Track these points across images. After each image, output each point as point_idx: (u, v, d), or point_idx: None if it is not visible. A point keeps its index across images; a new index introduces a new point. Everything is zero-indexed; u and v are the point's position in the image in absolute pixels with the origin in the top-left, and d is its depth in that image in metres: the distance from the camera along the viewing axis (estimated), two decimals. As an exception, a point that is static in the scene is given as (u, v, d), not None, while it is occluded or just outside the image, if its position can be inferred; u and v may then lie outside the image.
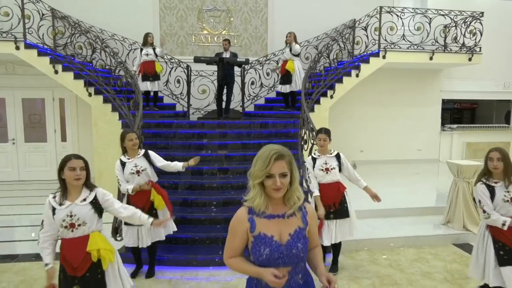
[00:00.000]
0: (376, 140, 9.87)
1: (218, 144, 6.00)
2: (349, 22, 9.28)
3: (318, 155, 4.04)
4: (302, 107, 5.78)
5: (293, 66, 7.32)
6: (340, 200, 4.02)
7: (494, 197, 3.00)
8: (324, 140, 3.97)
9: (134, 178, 3.78)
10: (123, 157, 3.85)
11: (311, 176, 4.01)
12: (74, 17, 8.32)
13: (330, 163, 3.97)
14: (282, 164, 1.71)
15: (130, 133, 3.82)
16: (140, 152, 3.91)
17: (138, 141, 3.83)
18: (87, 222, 2.49)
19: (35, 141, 8.78)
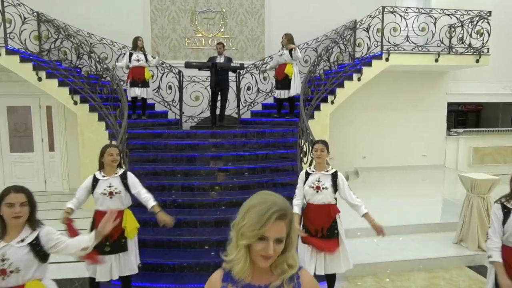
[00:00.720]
0: (379, 146, 9.44)
1: (211, 157, 5.58)
2: (349, 23, 8.85)
3: (313, 171, 3.57)
4: (301, 116, 5.36)
5: (292, 70, 6.90)
6: (330, 225, 3.52)
7: (507, 221, 2.60)
8: (321, 150, 3.52)
9: (105, 200, 3.29)
10: (98, 173, 3.38)
11: (298, 191, 3.59)
12: (61, 21, 7.91)
13: (324, 181, 3.50)
14: (281, 225, 1.28)
15: (111, 147, 3.38)
16: (118, 171, 3.43)
17: (119, 157, 3.38)
18: (21, 269, 2.04)
19: (22, 151, 8.35)
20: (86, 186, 3.33)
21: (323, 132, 7.19)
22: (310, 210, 3.45)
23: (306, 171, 3.59)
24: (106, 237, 3.10)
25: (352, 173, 9.25)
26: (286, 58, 6.92)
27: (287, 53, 6.93)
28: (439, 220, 5.47)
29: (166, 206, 4.80)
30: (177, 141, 5.93)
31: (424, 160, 9.71)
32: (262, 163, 5.61)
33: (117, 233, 3.24)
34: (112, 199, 3.29)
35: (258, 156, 5.73)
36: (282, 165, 5.63)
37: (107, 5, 8.12)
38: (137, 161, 5.64)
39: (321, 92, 7.02)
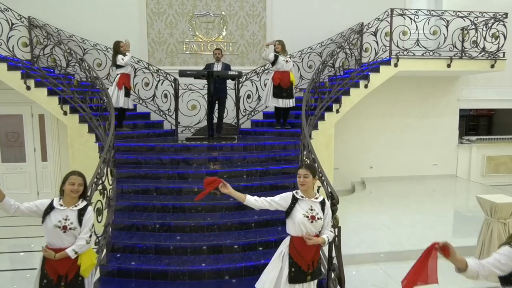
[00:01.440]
0: (387, 155, 8.99)
1: (205, 173, 5.17)
2: (356, 26, 8.41)
3: (302, 196, 3.12)
4: (303, 130, 4.94)
5: (294, 79, 6.50)
6: (318, 258, 3.14)
7: None
8: (305, 176, 3.08)
9: (58, 235, 2.83)
10: (56, 200, 2.93)
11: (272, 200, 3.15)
12: (54, 26, 7.59)
13: (317, 210, 3.07)
14: None
15: (74, 175, 2.92)
16: (79, 204, 2.97)
17: (81, 188, 2.95)
18: None
19: (13, 161, 8.03)
20: (40, 206, 2.88)
21: (327, 143, 6.78)
22: (300, 243, 3.02)
23: (293, 195, 3.14)
24: (61, 277, 2.79)
25: (359, 184, 8.81)
26: (292, 67, 6.53)
27: (291, 61, 6.52)
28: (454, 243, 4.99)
29: (155, 230, 4.43)
30: (171, 155, 5.53)
31: (435, 170, 9.24)
32: (261, 180, 5.19)
33: (73, 272, 2.83)
34: (65, 234, 2.84)
35: (257, 172, 5.32)
36: (282, 182, 5.20)
37: (102, 9, 7.76)
38: (127, 177, 5.26)
39: (325, 101, 6.60)
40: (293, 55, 7.97)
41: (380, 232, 5.33)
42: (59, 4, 7.63)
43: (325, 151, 6.76)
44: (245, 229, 4.47)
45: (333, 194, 3.70)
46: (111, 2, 7.78)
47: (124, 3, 7.82)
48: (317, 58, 8.26)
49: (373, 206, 6.68)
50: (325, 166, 6.79)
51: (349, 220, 5.73)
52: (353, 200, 7.19)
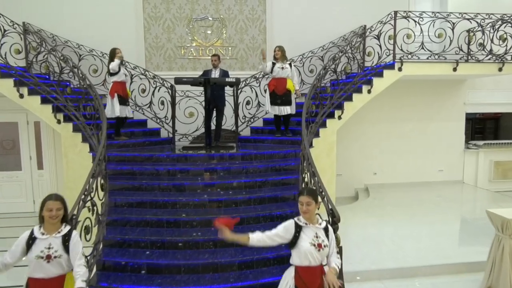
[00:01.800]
0: (391, 161, 8.75)
1: (202, 185, 4.98)
2: (359, 29, 8.19)
3: (305, 223, 2.90)
4: (303, 141, 4.72)
5: (293, 86, 6.28)
6: None
7: None
8: (307, 204, 2.86)
9: (41, 266, 2.63)
10: (37, 228, 2.73)
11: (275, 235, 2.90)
12: (49, 31, 7.43)
13: (322, 237, 2.87)
14: None
15: (51, 200, 2.70)
16: (62, 230, 2.77)
17: (61, 212, 2.73)
18: None
19: (9, 169, 7.87)
20: (21, 245, 2.67)
21: (329, 150, 6.56)
22: (306, 273, 2.81)
23: (295, 223, 2.92)
24: None
25: (362, 191, 8.58)
26: (289, 74, 6.30)
27: (289, 68, 6.30)
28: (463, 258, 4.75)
29: (148, 247, 4.23)
30: (166, 166, 5.34)
31: (440, 176, 8.98)
32: (260, 192, 4.98)
33: None
34: (50, 264, 2.64)
35: (256, 183, 5.11)
36: (282, 194, 5.00)
37: (97, 14, 7.59)
38: (121, 189, 5.07)
39: (326, 107, 6.39)
40: (293, 59, 7.77)
41: (384, 246, 5.10)
42: (54, 9, 7.47)
43: (326, 158, 6.55)
44: (242, 246, 4.24)
45: (334, 211, 3.49)
46: (107, 7, 7.60)
47: (120, 8, 7.64)
48: (318, 62, 8.04)
49: (377, 216, 6.45)
50: (327, 173, 6.60)
51: (351, 232, 5.51)
52: (356, 209, 6.95)
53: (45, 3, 7.45)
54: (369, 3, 8.19)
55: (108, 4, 7.59)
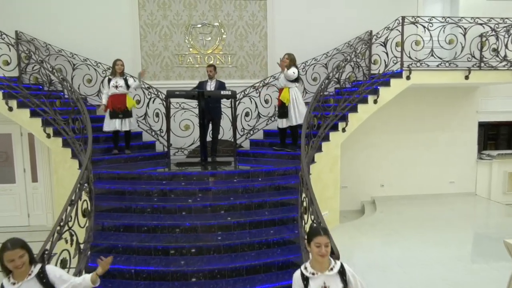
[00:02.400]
0: (400, 173, 8.34)
1: (193, 207, 4.65)
2: (364, 35, 7.82)
3: (312, 272, 2.49)
4: (302, 162, 4.36)
5: (287, 97, 5.89)
6: None
7: None
8: (326, 246, 2.43)
9: None
10: (6, 281, 2.45)
11: None
12: (42, 40, 7.18)
13: (331, 285, 2.49)
14: None
15: (9, 251, 2.37)
16: (33, 271, 2.48)
17: (26, 257, 2.43)
18: None
19: (2, 182, 7.64)
20: None
21: (333, 164, 6.20)
22: None
23: (301, 274, 2.51)
24: None
25: (369, 204, 8.18)
26: (282, 82, 5.93)
27: (282, 76, 5.94)
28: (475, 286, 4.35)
29: (133, 278, 3.92)
30: (157, 185, 5.03)
31: (452, 188, 8.54)
32: (256, 215, 4.63)
33: None
34: None
35: (252, 204, 4.77)
36: (281, 217, 4.65)
37: (91, 22, 7.32)
38: (109, 210, 4.78)
39: (330, 119, 6.03)
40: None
41: (391, 273, 4.71)
42: (48, 17, 7.22)
43: (329, 173, 6.19)
44: (235, 276, 3.92)
45: (333, 248, 3.12)
46: (102, 15, 7.33)
47: (116, 16, 7.37)
48: (322, 70, 7.69)
49: (384, 235, 6.05)
50: (330, 189, 6.24)
51: (356, 256, 5.13)
52: (361, 226, 6.56)
53: (39, 11, 7.21)
54: (375, 8, 7.81)
55: (103, 12, 7.33)
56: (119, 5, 7.36)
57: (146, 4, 7.45)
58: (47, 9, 7.23)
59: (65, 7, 7.26)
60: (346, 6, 7.84)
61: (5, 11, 7.13)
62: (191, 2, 7.53)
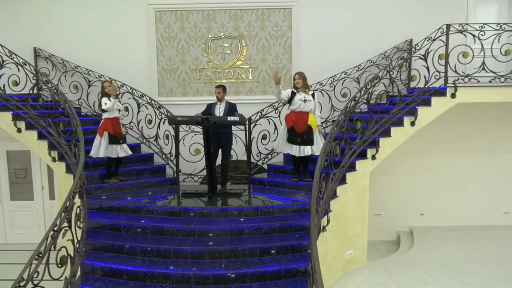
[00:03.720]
0: (443, 200, 7.30)
1: (190, 252, 4.10)
2: (403, 44, 6.90)
3: None
4: (312, 209, 3.64)
5: (315, 122, 5.22)
6: None
7: None
8: None
9: None
10: None
11: None
12: (59, 57, 7.02)
13: None
14: None
15: None
16: None
17: None
18: None
19: (22, 199, 7.59)
20: None
21: (360, 198, 5.43)
22: None
23: None
24: None
25: (406, 234, 7.24)
26: (312, 106, 5.24)
27: (312, 100, 5.24)
28: None
29: None
30: (155, 222, 4.55)
31: (506, 219, 7.37)
32: (261, 264, 4.00)
33: None
34: None
35: (257, 251, 4.14)
36: (289, 268, 3.97)
37: (107, 36, 7.05)
38: (101, 249, 4.36)
39: (356, 145, 5.25)
40: (322, 83, 6.69)
41: None
42: (65, 33, 7.05)
43: (356, 208, 5.41)
44: None
45: None
46: (117, 29, 7.04)
47: (132, 30, 7.04)
48: (353, 85, 6.88)
49: (419, 284, 5.16)
50: (356, 226, 5.44)
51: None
52: (393, 269, 5.66)
53: (57, 27, 7.06)
54: (416, 15, 6.89)
55: (119, 26, 7.03)
56: (136, 18, 7.03)
57: (163, 17, 7.06)
58: (65, 25, 7.06)
59: (82, 22, 7.05)
60: (382, 12, 6.97)
61: (25, 28, 7.05)
62: (210, 13, 7.03)
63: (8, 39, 6.83)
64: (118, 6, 7.00)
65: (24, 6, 7.01)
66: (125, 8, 7.00)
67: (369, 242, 6.94)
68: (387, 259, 6.10)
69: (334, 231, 5.03)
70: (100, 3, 7.02)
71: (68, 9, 7.03)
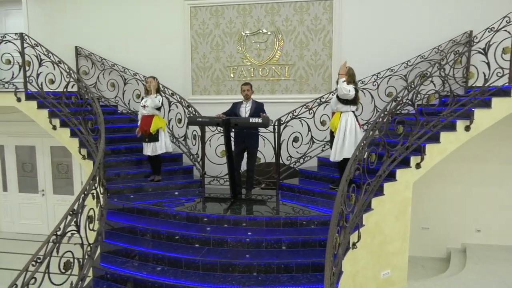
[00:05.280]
0: (504, 216, 6.36)
1: (201, 264, 3.82)
2: (461, 37, 6.07)
3: None
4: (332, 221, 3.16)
5: (336, 123, 4.63)
6: None
7: None
8: None
9: None
10: None
11: None
12: (98, 55, 7.13)
13: None
14: None
15: None
16: None
17: None
18: None
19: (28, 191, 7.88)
20: None
21: (400, 211, 4.83)
22: None
23: None
24: None
25: (457, 252, 6.41)
26: (332, 104, 4.71)
27: (334, 97, 4.70)
28: None
29: None
30: (169, 227, 4.34)
31: None
32: (274, 283, 3.61)
33: None
34: None
35: (273, 268, 3.75)
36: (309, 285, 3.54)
37: (143, 34, 7.03)
38: (115, 253, 4.24)
39: (397, 152, 4.65)
40: (364, 81, 6.09)
41: None
42: (103, 32, 7.17)
43: (395, 222, 4.80)
44: None
45: None
46: (153, 27, 6.99)
47: (167, 27, 6.96)
48: (399, 83, 6.18)
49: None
50: (395, 243, 4.82)
51: None
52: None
53: (96, 26, 7.18)
54: (476, 2, 6.00)
55: (155, 24, 6.99)
56: (171, 16, 6.92)
57: (198, 13, 6.86)
58: (104, 24, 7.16)
59: (119, 20, 7.09)
60: (435, 2, 6.17)
61: (67, 27, 7.26)
62: (246, 7, 6.71)
63: (51, 38, 7.11)
64: (154, 5, 6.93)
65: (66, 4, 7.19)
66: (161, 5, 6.92)
67: (414, 258, 6.27)
68: (432, 281, 5.38)
69: (368, 248, 4.48)
70: (138, 1, 6.99)
71: (107, 9, 7.10)
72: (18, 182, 7.92)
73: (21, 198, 7.93)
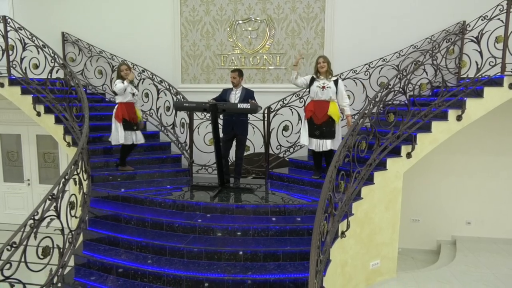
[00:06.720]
0: (495, 208, 6.35)
1: (185, 252, 3.73)
2: (454, 27, 6.01)
3: None
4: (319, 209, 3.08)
5: (338, 113, 4.60)
6: None
7: None
8: None
9: None
10: None
11: None
12: (85, 41, 6.96)
13: None
14: None
15: None
16: None
17: None
18: None
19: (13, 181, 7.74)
20: None
21: (391, 201, 4.76)
22: None
23: None
24: None
25: (447, 244, 6.40)
26: (332, 94, 4.62)
27: (333, 86, 4.62)
28: None
29: None
30: (154, 214, 4.23)
31: None
32: (262, 271, 3.53)
33: None
34: None
35: (260, 255, 3.67)
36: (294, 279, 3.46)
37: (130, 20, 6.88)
38: (98, 240, 4.12)
39: (388, 141, 4.58)
40: (355, 70, 6.00)
41: None
42: (90, 18, 6.99)
43: (385, 212, 4.74)
44: None
45: None
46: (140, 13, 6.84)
47: (156, 13, 6.80)
48: (391, 73, 6.10)
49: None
50: (385, 233, 4.76)
51: None
52: (425, 285, 4.87)
53: (83, 12, 7.00)
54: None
55: (142, 10, 6.83)
56: (161, 1, 6.75)
57: (188, -1, 6.71)
58: (91, 10, 6.98)
59: (108, 6, 6.91)
60: (429, -10, 6.11)
61: (53, 13, 7.06)
62: (237, -6, 6.58)
63: (37, 23, 6.92)
64: (143, -10, 6.79)
65: (53, -10, 7.01)
66: (150, -9, 6.77)
67: (404, 250, 6.24)
68: (421, 272, 5.34)
69: (357, 238, 4.42)
70: (127, -14, 6.84)
71: (94, -7, 6.94)
72: (3, 171, 7.74)
73: (6, 187, 7.75)
